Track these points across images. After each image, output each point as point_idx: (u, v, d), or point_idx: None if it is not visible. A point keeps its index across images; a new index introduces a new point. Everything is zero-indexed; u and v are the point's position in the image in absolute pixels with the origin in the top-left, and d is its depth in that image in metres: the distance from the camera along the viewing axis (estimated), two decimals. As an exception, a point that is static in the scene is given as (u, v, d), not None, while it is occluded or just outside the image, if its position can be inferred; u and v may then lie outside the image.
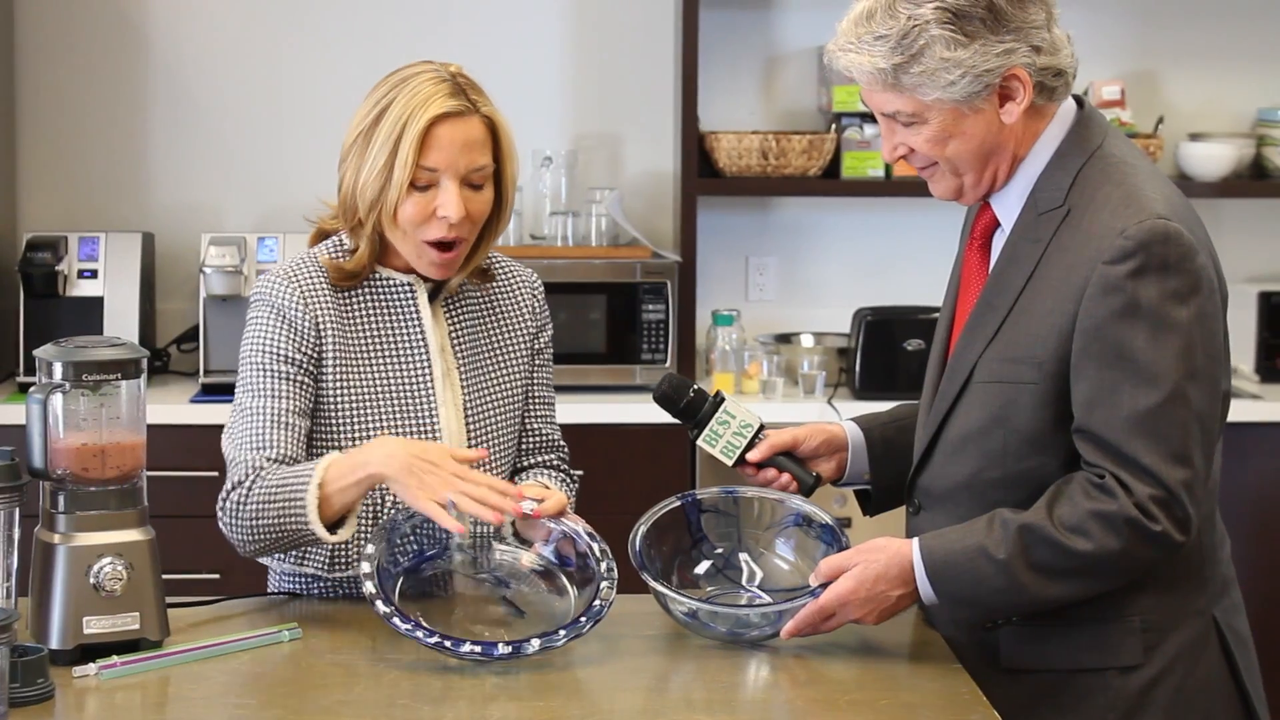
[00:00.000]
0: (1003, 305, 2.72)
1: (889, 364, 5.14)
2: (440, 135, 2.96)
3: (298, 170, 5.46)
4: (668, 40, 5.51)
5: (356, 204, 3.01)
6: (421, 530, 2.92)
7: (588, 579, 2.87)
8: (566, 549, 2.93)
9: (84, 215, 5.48)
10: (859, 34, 2.69)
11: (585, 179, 5.53)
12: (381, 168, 2.97)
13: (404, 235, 3.01)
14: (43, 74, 5.49)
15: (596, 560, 2.86)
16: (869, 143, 5.35)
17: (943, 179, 2.78)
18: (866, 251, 5.63)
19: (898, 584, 2.72)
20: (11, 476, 2.68)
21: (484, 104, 3.02)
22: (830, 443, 3.02)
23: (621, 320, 5.15)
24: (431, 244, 3.00)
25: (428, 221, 2.99)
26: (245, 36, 5.53)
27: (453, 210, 2.97)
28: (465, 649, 2.71)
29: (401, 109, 2.96)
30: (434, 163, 2.97)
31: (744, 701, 2.69)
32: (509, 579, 2.96)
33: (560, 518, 2.93)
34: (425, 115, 2.95)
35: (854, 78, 2.73)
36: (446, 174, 2.97)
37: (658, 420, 4.91)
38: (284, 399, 3.00)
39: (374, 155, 2.97)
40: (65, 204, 5.51)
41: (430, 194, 2.98)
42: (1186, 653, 2.71)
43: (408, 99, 2.97)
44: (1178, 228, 2.61)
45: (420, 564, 2.92)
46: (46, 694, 2.56)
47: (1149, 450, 2.58)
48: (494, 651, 2.71)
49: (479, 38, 5.49)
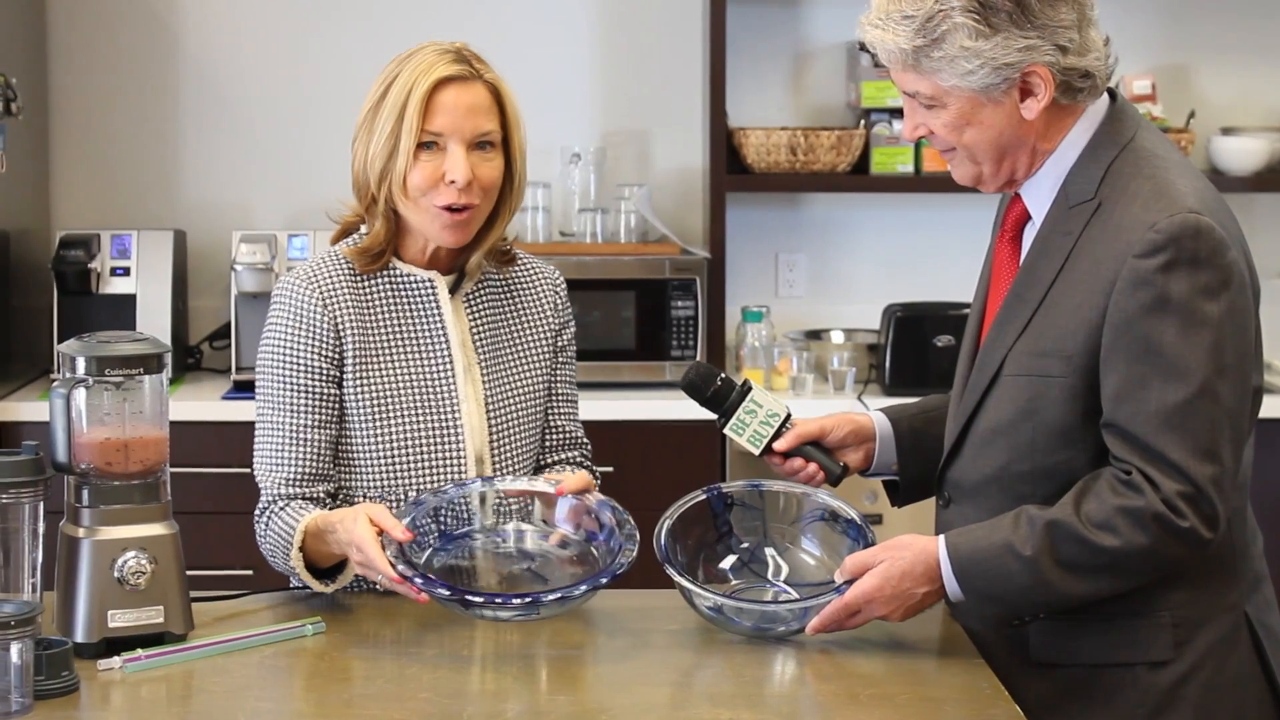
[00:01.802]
0: (1033, 298, 2.70)
1: (919, 360, 5.12)
2: (444, 100, 2.99)
3: (327, 167, 5.42)
4: (696, 36, 5.50)
5: (368, 179, 3.03)
6: (446, 511, 2.92)
7: (611, 545, 2.87)
8: (591, 525, 2.93)
9: (116, 213, 5.49)
10: (889, 10, 2.68)
11: (614, 175, 5.52)
12: (388, 136, 2.99)
13: (415, 205, 3.01)
14: (74, 73, 5.50)
15: (619, 529, 2.87)
16: (898, 138, 5.33)
17: (961, 164, 2.77)
18: (896, 247, 5.62)
19: (923, 581, 2.70)
20: (36, 471, 2.68)
21: (486, 71, 3.05)
22: (858, 433, 3.01)
23: (651, 317, 5.14)
24: (443, 208, 3.01)
25: (436, 187, 3.00)
26: (274, 34, 5.53)
27: (460, 173, 2.98)
28: (482, 600, 2.72)
29: (406, 78, 3.00)
30: (439, 127, 2.99)
31: (769, 696, 2.68)
32: (534, 554, 2.95)
33: (583, 495, 2.94)
34: (429, 80, 2.98)
35: (877, 54, 2.73)
36: (452, 139, 2.99)
37: (688, 416, 4.94)
38: (302, 413, 3.02)
39: (381, 126, 3.00)
40: (97, 202, 5.52)
41: (437, 160, 3.00)
42: (1217, 649, 2.69)
43: (411, 69, 3.00)
44: (1209, 222, 2.59)
45: (445, 545, 2.92)
46: (71, 687, 2.57)
47: (1177, 446, 2.57)
48: (512, 601, 2.72)
49: (507, 34, 5.48)
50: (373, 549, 2.76)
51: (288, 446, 3.02)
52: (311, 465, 3.02)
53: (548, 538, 2.96)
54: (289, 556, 2.95)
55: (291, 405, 3.02)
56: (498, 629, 2.86)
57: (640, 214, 5.37)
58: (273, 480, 3.02)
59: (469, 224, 3.04)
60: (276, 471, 3.02)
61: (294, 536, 2.94)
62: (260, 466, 3.04)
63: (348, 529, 2.82)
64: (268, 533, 3.00)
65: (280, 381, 3.03)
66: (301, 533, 2.93)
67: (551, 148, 5.43)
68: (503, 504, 2.96)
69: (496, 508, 2.96)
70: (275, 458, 3.02)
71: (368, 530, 2.78)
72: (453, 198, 3.00)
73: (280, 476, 3.02)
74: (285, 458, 3.02)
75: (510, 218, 3.12)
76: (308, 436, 3.02)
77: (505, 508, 2.97)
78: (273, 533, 2.99)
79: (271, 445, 3.03)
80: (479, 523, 2.95)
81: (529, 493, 2.96)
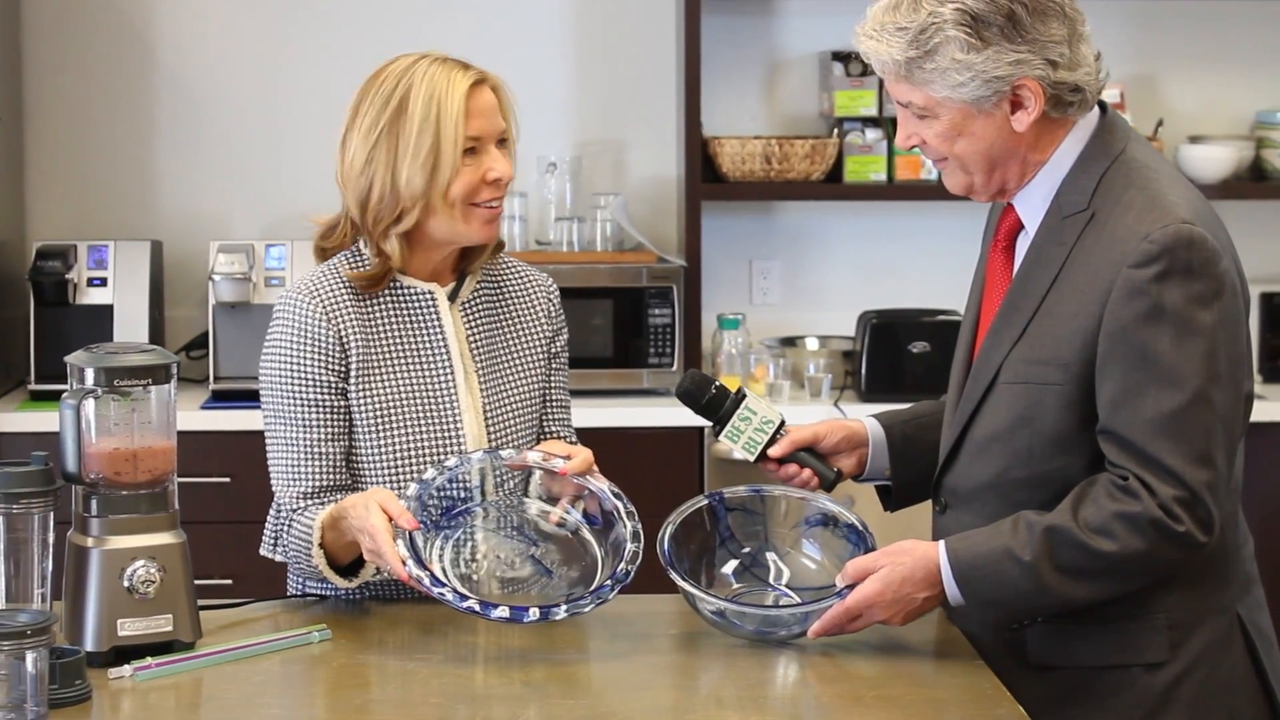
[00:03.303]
0: (1028, 307, 2.75)
1: (895, 366, 5.17)
2: (475, 104, 3.05)
3: (304, 177, 5.47)
4: (670, 46, 5.54)
5: (397, 201, 3.03)
6: (448, 488, 2.96)
7: (614, 538, 2.91)
8: (593, 507, 2.97)
9: (91, 224, 5.50)
10: (883, 21, 2.73)
11: (590, 184, 5.55)
12: (428, 151, 3.01)
13: (452, 212, 3.04)
14: (49, 83, 5.51)
15: (623, 520, 2.91)
16: (871, 147, 5.39)
17: (953, 174, 2.82)
18: (869, 255, 5.66)
19: (924, 586, 2.75)
20: (46, 481, 2.70)
21: (487, 72, 3.11)
22: (851, 439, 3.06)
23: (628, 325, 5.18)
24: (484, 206, 3.06)
25: (477, 189, 3.04)
26: (251, 44, 5.55)
27: (504, 169, 3.06)
28: (495, 614, 2.75)
29: (428, 91, 3.02)
30: (477, 130, 3.05)
31: (773, 698, 2.73)
32: (536, 537, 2.99)
33: (586, 476, 2.98)
34: (461, 87, 3.03)
35: (871, 65, 2.77)
36: (488, 140, 3.06)
37: (666, 424, 4.99)
38: (315, 428, 3.05)
39: (412, 143, 3.01)
40: (73, 213, 5.52)
41: (476, 163, 3.05)
42: (1211, 650, 2.74)
43: (428, 82, 3.03)
44: (1201, 233, 2.64)
45: (449, 520, 2.95)
46: (84, 695, 2.59)
47: (1172, 452, 2.62)
48: (524, 617, 2.75)
49: (483, 45, 5.45)
50: (384, 539, 2.80)
51: (303, 462, 3.04)
52: (329, 477, 3.05)
53: (548, 517, 2.99)
54: (310, 556, 2.98)
55: (304, 421, 3.05)
56: (500, 633, 2.90)
57: (616, 222, 5.40)
58: (290, 495, 3.05)
59: (499, 217, 3.11)
60: (294, 486, 3.04)
61: (313, 534, 2.97)
62: (277, 482, 3.07)
63: (360, 515, 2.85)
64: (288, 538, 3.03)
65: (290, 397, 3.05)
66: (319, 529, 2.96)
67: (528, 157, 5.45)
68: (504, 477, 3.00)
69: (498, 481, 2.99)
70: (292, 473, 3.05)
71: (380, 519, 2.81)
72: (497, 192, 3.07)
73: (297, 491, 3.04)
74: (302, 473, 3.04)
75: None
76: (323, 450, 3.05)
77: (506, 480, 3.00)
78: (293, 537, 3.02)
79: (287, 461, 3.05)
80: (479, 496, 2.98)
81: (532, 466, 3.00)
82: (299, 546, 3.01)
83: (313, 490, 3.04)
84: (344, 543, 2.95)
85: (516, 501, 3.00)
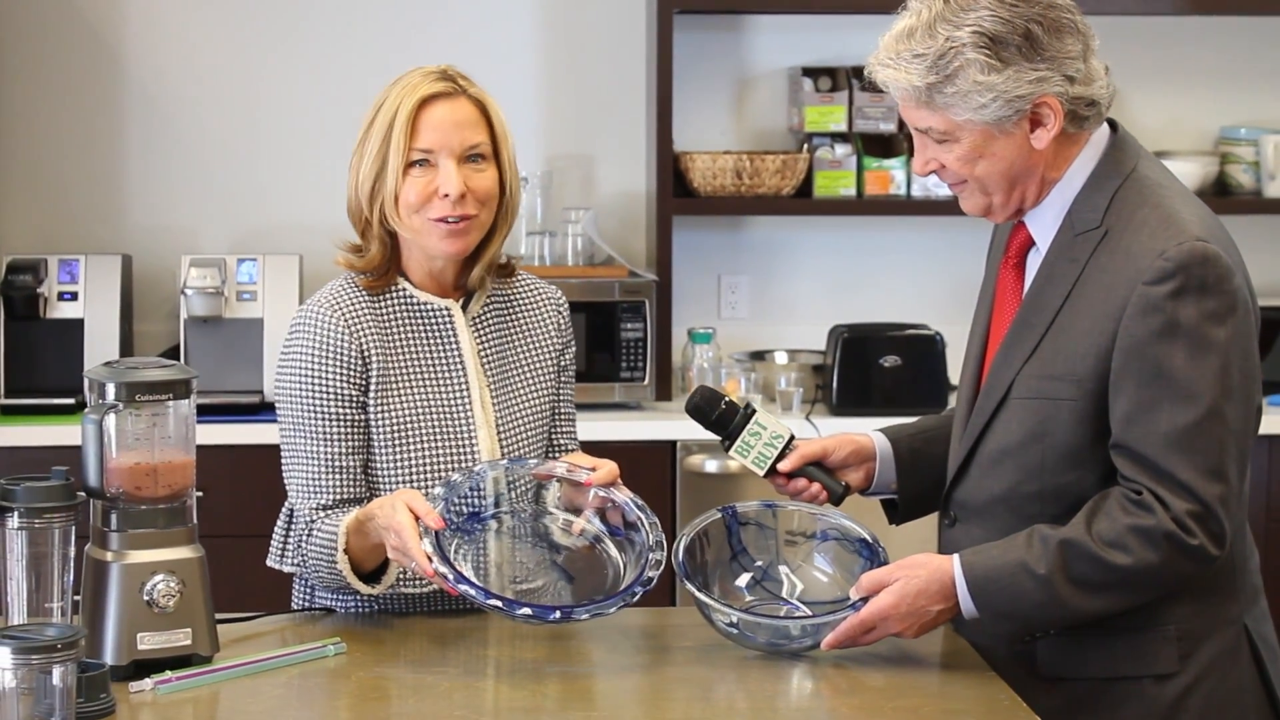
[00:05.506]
0: (1040, 323, 2.79)
1: (865, 380, 5.21)
2: (431, 116, 3.06)
3: (275, 192, 5.48)
4: (640, 61, 5.57)
5: (360, 203, 3.09)
6: (472, 494, 2.98)
7: (636, 548, 2.93)
8: (615, 519, 3.00)
9: (62, 238, 5.47)
10: (898, 50, 2.76)
11: (560, 199, 5.57)
12: (375, 156, 3.06)
13: (409, 223, 3.06)
14: (19, 98, 5.49)
15: (646, 531, 2.93)
16: (840, 162, 5.43)
17: (972, 196, 2.85)
18: (837, 269, 5.70)
19: (938, 599, 2.78)
20: (67, 496, 2.71)
21: (471, 87, 3.12)
22: (858, 453, 3.09)
23: (600, 339, 5.20)
24: (437, 220, 3.06)
25: (429, 203, 3.05)
26: (221, 58, 5.54)
27: (452, 186, 3.03)
28: (520, 612, 2.77)
29: (393, 100, 3.07)
30: (428, 143, 3.05)
31: (788, 710, 2.76)
32: (560, 545, 3.01)
33: (610, 488, 3.00)
34: (414, 99, 3.05)
35: (890, 93, 2.80)
36: (442, 154, 3.05)
37: (639, 437, 5.02)
38: (335, 442, 3.06)
39: (370, 148, 3.07)
40: (44, 227, 5.50)
41: (429, 176, 3.05)
42: (1220, 661, 2.79)
43: (398, 91, 3.08)
44: (1215, 250, 2.69)
45: (472, 525, 2.96)
46: (108, 709, 2.60)
47: (1186, 466, 2.66)
48: (549, 617, 2.78)
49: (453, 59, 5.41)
50: (410, 536, 2.81)
51: (323, 475, 3.06)
52: (349, 490, 3.06)
53: (570, 527, 3.02)
54: (334, 562, 2.99)
55: (325, 434, 3.06)
56: (514, 645, 2.93)
57: (587, 237, 5.43)
58: (309, 508, 3.06)
59: (467, 233, 3.08)
60: (313, 499, 3.06)
61: (338, 539, 2.98)
62: (296, 494, 3.08)
63: (386, 515, 2.87)
64: (310, 545, 3.03)
65: (311, 410, 3.06)
66: (344, 534, 2.97)
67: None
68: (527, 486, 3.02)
69: (520, 491, 3.02)
70: (311, 486, 3.06)
71: (407, 517, 2.83)
72: (447, 210, 3.05)
73: (316, 504, 3.05)
74: (321, 486, 3.06)
75: (508, 229, 3.17)
76: (343, 464, 3.06)
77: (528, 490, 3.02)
78: (315, 544, 3.02)
79: (306, 473, 3.07)
80: (502, 504, 3.00)
81: (558, 478, 3.02)
82: (321, 553, 3.01)
83: (332, 503, 3.05)
84: (368, 546, 2.96)
85: (538, 511, 3.02)
